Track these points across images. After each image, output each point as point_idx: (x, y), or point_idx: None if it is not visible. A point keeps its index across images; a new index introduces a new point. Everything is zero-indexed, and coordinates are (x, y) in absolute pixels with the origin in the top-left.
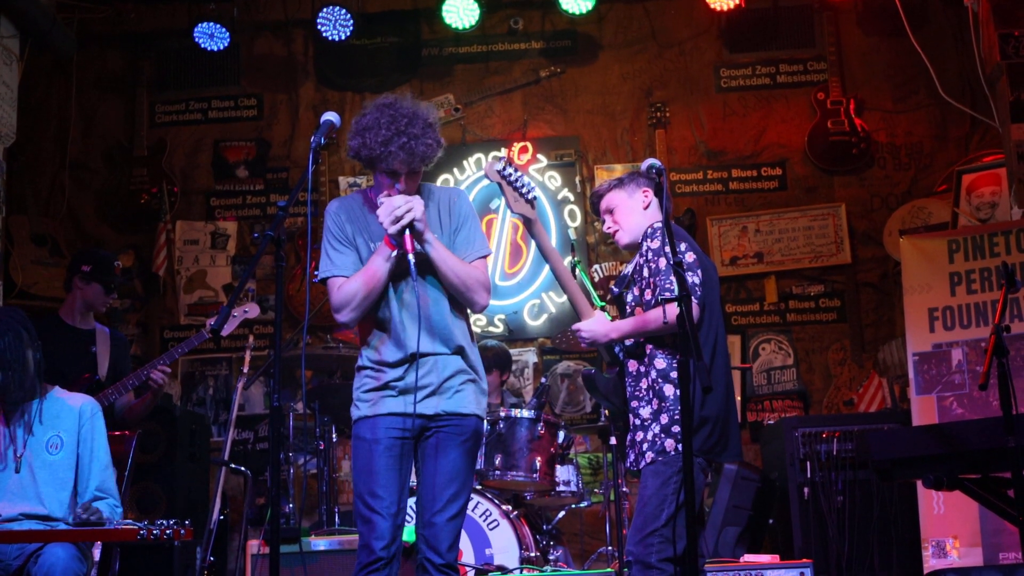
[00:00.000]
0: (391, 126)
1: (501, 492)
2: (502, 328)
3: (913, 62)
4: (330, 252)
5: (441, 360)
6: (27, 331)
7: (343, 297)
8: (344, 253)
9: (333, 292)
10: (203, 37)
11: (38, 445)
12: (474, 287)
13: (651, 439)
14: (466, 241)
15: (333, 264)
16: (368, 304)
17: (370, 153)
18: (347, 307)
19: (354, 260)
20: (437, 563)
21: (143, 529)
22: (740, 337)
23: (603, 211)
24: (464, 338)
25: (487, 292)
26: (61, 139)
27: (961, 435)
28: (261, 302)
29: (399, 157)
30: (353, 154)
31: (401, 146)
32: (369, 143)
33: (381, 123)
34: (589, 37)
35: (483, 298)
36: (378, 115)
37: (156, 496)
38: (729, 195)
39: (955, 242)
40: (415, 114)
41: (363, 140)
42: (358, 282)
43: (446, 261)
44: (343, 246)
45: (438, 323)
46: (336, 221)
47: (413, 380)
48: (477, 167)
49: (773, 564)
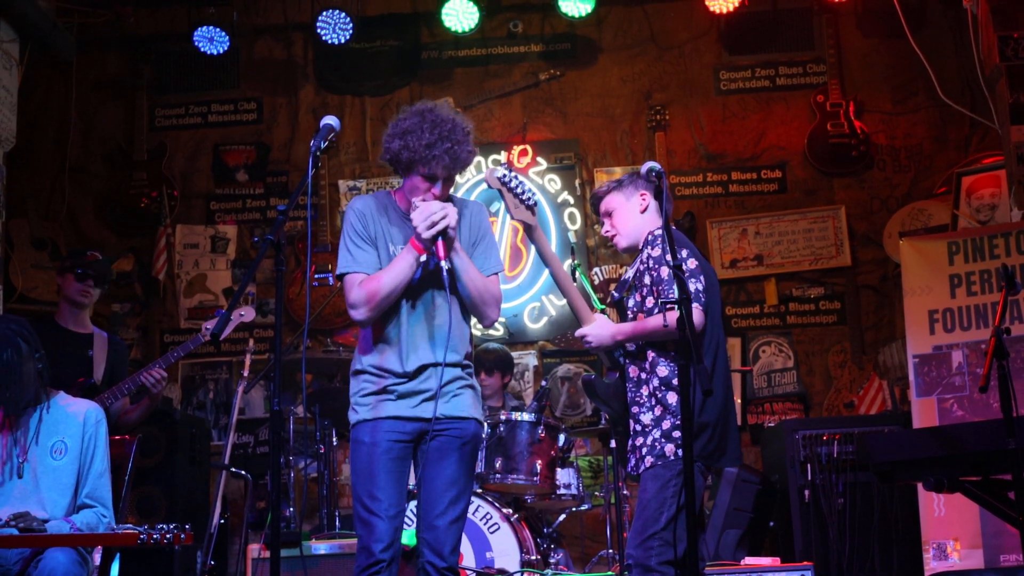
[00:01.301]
0: (434, 131)
1: (502, 495)
2: (502, 331)
3: (912, 64)
4: (351, 248)
5: (442, 361)
6: (26, 341)
7: (363, 294)
8: (365, 251)
9: (352, 288)
10: (203, 41)
11: (42, 450)
12: (489, 301)
13: (651, 444)
14: (483, 256)
15: (354, 260)
16: (387, 304)
17: (412, 156)
18: (366, 305)
19: (374, 259)
20: (439, 566)
21: (143, 534)
22: (740, 340)
23: (601, 212)
24: (464, 342)
25: (498, 308)
26: (61, 143)
27: (962, 437)
28: (261, 306)
29: (443, 162)
30: (391, 156)
31: (446, 151)
32: (412, 146)
33: (423, 127)
34: (588, 40)
35: (495, 313)
36: (419, 119)
37: (156, 500)
38: (729, 198)
39: (955, 244)
40: (455, 122)
41: (405, 143)
42: (381, 280)
43: (468, 272)
44: (365, 243)
45: (454, 335)
46: (359, 218)
47: (433, 386)
48: (477, 170)
49: (774, 567)
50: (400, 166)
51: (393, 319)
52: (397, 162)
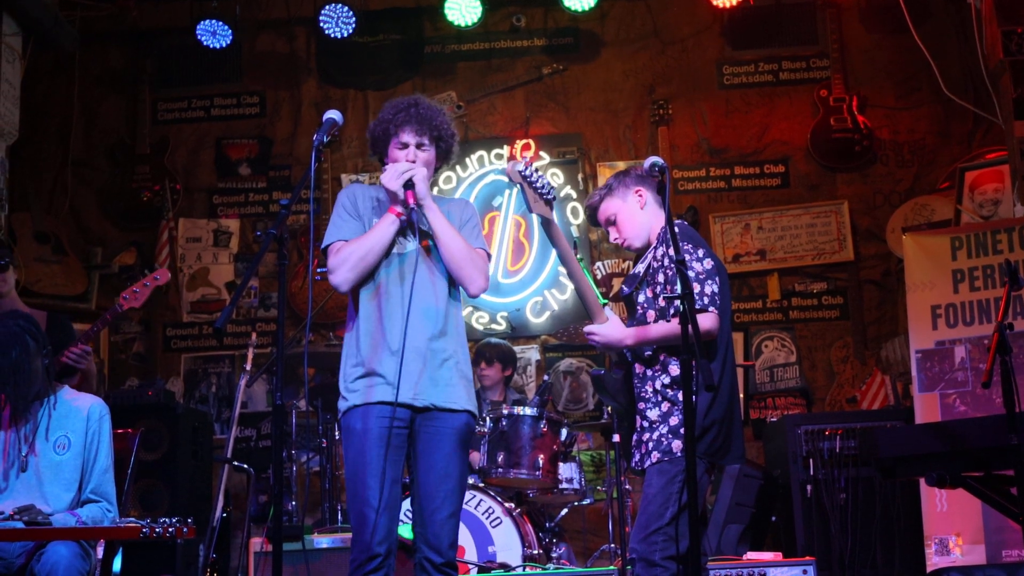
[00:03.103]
0: (403, 102)
1: (504, 489)
2: (504, 325)
3: (916, 59)
4: (337, 222)
5: (432, 346)
6: (34, 338)
7: (340, 257)
8: (349, 223)
9: (332, 255)
10: (205, 34)
11: (45, 445)
12: (470, 265)
13: (657, 439)
14: (469, 235)
15: (338, 231)
16: (364, 266)
17: (384, 127)
18: (343, 266)
19: (359, 230)
20: (437, 562)
21: (145, 527)
22: (743, 334)
23: (603, 222)
24: (456, 326)
25: (485, 278)
26: (63, 136)
27: (964, 433)
28: (264, 300)
29: (411, 124)
30: (372, 141)
31: (413, 115)
32: (383, 117)
33: (398, 104)
34: (591, 34)
35: (480, 280)
36: (398, 100)
37: (159, 494)
38: (732, 192)
39: (958, 239)
40: (434, 106)
41: (379, 118)
42: (357, 242)
43: (446, 231)
44: (350, 217)
45: (431, 308)
46: (349, 197)
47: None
48: (479, 164)
49: (776, 562)
50: (378, 146)
51: (377, 299)
52: (375, 143)
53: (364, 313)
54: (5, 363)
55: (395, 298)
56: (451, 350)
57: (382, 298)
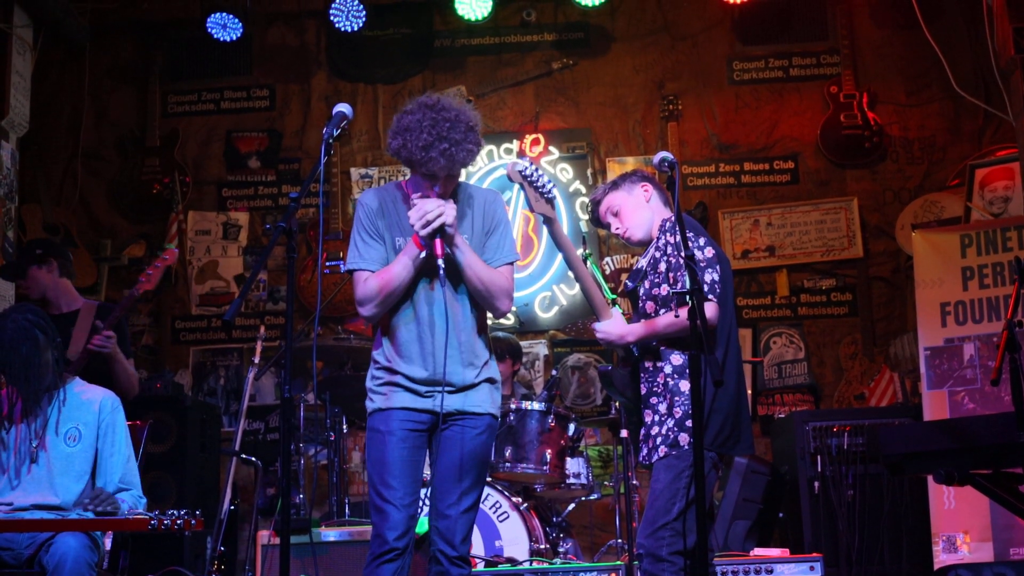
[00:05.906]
0: (432, 130)
1: (511, 484)
2: (513, 320)
3: (926, 55)
4: (359, 244)
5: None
6: (43, 331)
7: (367, 292)
8: (372, 247)
9: (358, 285)
10: (216, 27)
11: (56, 438)
12: (497, 294)
13: (664, 433)
14: (496, 245)
15: (361, 257)
16: (390, 301)
17: (410, 156)
18: (370, 303)
19: (382, 254)
20: (451, 555)
21: (154, 519)
22: (751, 331)
23: (605, 214)
24: (486, 350)
25: (509, 299)
26: (74, 128)
27: (972, 430)
28: (272, 293)
29: (439, 163)
30: (393, 153)
31: (442, 152)
32: (410, 146)
33: (423, 126)
34: (601, 29)
35: (505, 305)
36: (420, 116)
37: (167, 486)
38: (741, 188)
39: (967, 236)
40: (457, 118)
41: (403, 142)
42: (382, 279)
43: (472, 267)
44: (372, 239)
45: (465, 341)
46: (367, 213)
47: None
48: (489, 159)
49: (783, 558)
50: (404, 163)
51: (404, 319)
52: (399, 159)
53: (388, 327)
54: (16, 359)
55: (418, 315)
56: (479, 362)
57: (415, 317)
